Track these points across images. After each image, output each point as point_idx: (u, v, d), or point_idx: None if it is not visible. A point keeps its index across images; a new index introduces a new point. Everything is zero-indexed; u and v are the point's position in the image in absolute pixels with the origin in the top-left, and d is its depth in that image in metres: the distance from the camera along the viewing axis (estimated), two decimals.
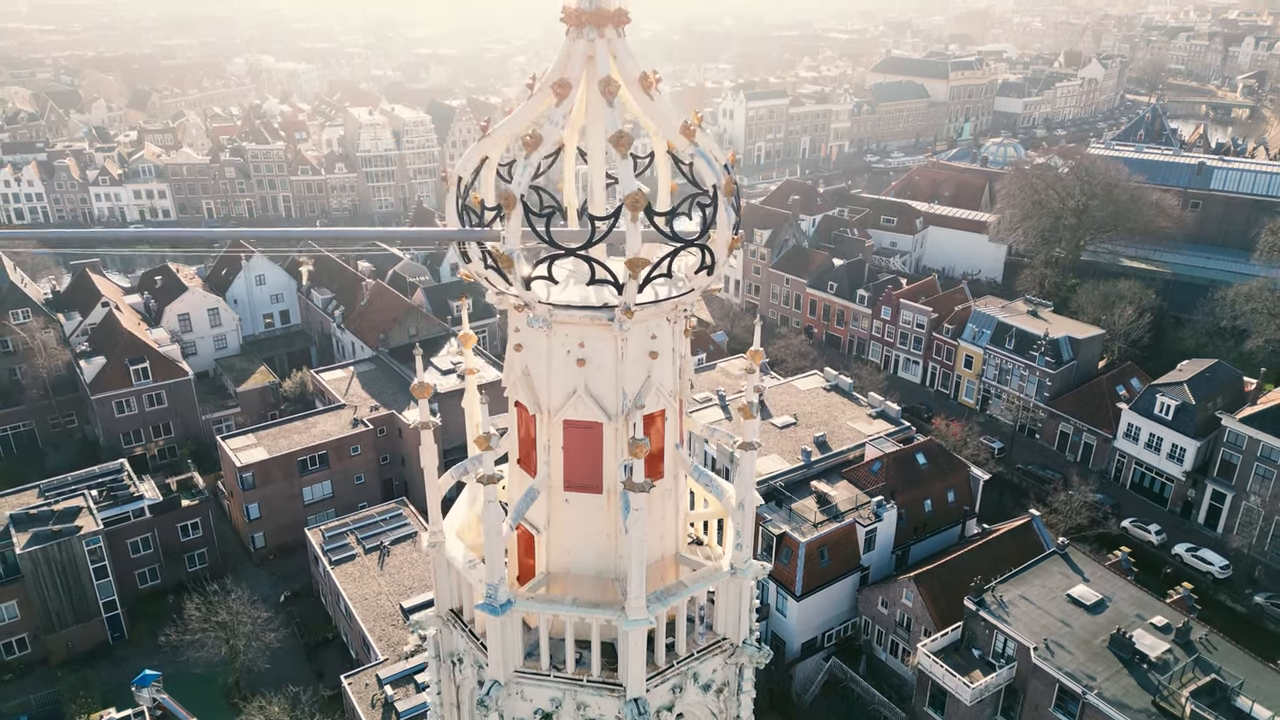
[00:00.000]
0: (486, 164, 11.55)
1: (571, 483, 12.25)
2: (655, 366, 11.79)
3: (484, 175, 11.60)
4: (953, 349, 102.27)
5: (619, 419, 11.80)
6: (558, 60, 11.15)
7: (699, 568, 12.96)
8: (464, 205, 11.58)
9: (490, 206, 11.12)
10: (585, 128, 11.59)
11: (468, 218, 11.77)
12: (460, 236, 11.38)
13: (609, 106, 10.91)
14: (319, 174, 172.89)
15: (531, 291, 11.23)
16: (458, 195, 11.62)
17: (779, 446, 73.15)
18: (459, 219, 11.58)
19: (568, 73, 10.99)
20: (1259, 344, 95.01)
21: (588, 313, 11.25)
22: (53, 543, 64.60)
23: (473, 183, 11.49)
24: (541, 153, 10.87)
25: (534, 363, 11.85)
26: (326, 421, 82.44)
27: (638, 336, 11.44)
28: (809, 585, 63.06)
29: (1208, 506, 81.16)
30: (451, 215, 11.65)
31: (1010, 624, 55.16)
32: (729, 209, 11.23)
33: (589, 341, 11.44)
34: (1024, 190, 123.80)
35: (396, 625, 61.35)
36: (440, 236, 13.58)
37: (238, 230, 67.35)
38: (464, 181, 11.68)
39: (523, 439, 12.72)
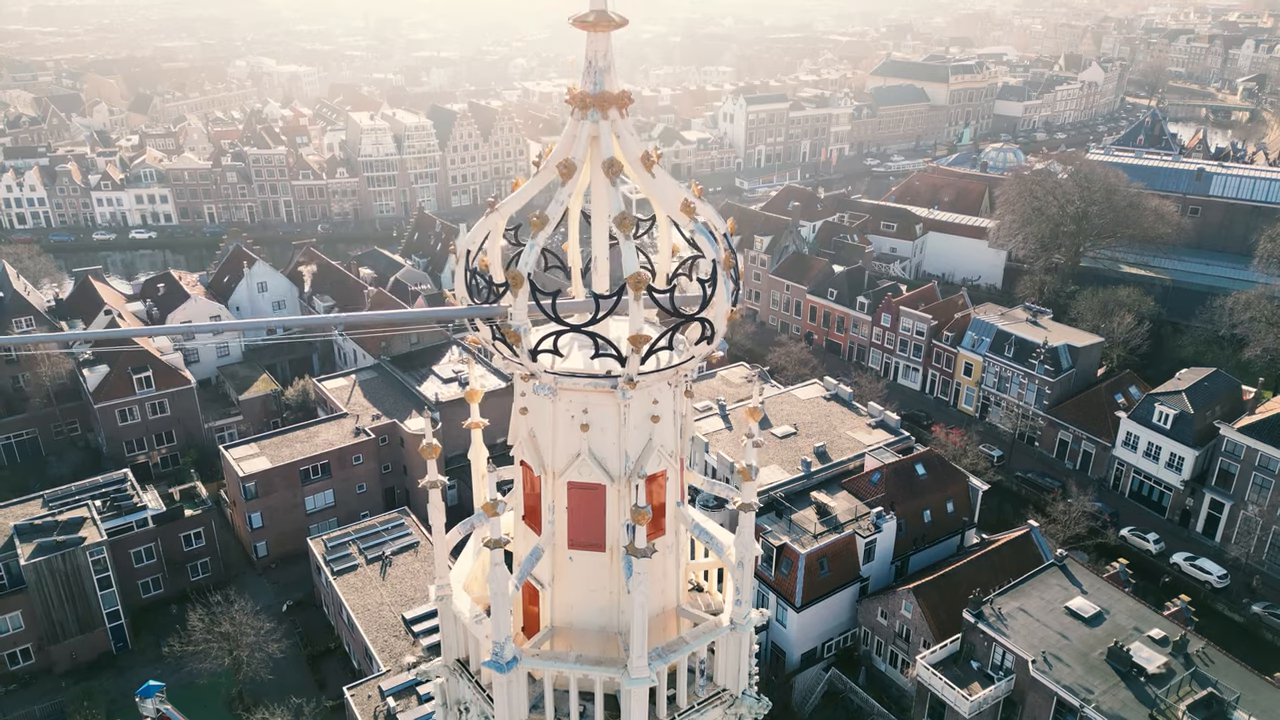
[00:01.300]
0: (492, 234, 11.91)
1: (575, 541, 12.62)
2: (657, 430, 12.16)
3: (490, 243, 11.97)
4: (952, 356, 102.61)
5: (621, 481, 12.16)
6: (563, 139, 11.50)
7: (700, 621, 13.32)
8: (472, 274, 11.95)
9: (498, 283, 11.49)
10: (589, 203, 11.95)
11: (475, 285, 12.14)
12: (471, 314, 11.73)
13: (612, 186, 11.27)
14: (320, 179, 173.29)
15: (537, 362, 11.60)
16: (466, 267, 11.99)
17: (779, 456, 73.49)
18: (466, 289, 11.94)
19: (573, 153, 11.34)
20: (1257, 353, 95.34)
21: (592, 381, 11.61)
22: (57, 554, 64.95)
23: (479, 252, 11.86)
24: (547, 233, 11.22)
25: (539, 426, 12.22)
26: (328, 430, 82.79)
27: (640, 402, 11.81)
28: (809, 596, 63.40)
29: (1206, 515, 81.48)
30: (460, 287, 12.02)
31: (1009, 636, 55.51)
32: (727, 282, 11.59)
33: (592, 407, 11.81)
34: (1023, 196, 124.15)
35: (398, 636, 61.74)
36: (452, 315, 13.85)
37: (277, 320, 70.27)
38: (471, 254, 12.05)
39: (528, 495, 13.09)
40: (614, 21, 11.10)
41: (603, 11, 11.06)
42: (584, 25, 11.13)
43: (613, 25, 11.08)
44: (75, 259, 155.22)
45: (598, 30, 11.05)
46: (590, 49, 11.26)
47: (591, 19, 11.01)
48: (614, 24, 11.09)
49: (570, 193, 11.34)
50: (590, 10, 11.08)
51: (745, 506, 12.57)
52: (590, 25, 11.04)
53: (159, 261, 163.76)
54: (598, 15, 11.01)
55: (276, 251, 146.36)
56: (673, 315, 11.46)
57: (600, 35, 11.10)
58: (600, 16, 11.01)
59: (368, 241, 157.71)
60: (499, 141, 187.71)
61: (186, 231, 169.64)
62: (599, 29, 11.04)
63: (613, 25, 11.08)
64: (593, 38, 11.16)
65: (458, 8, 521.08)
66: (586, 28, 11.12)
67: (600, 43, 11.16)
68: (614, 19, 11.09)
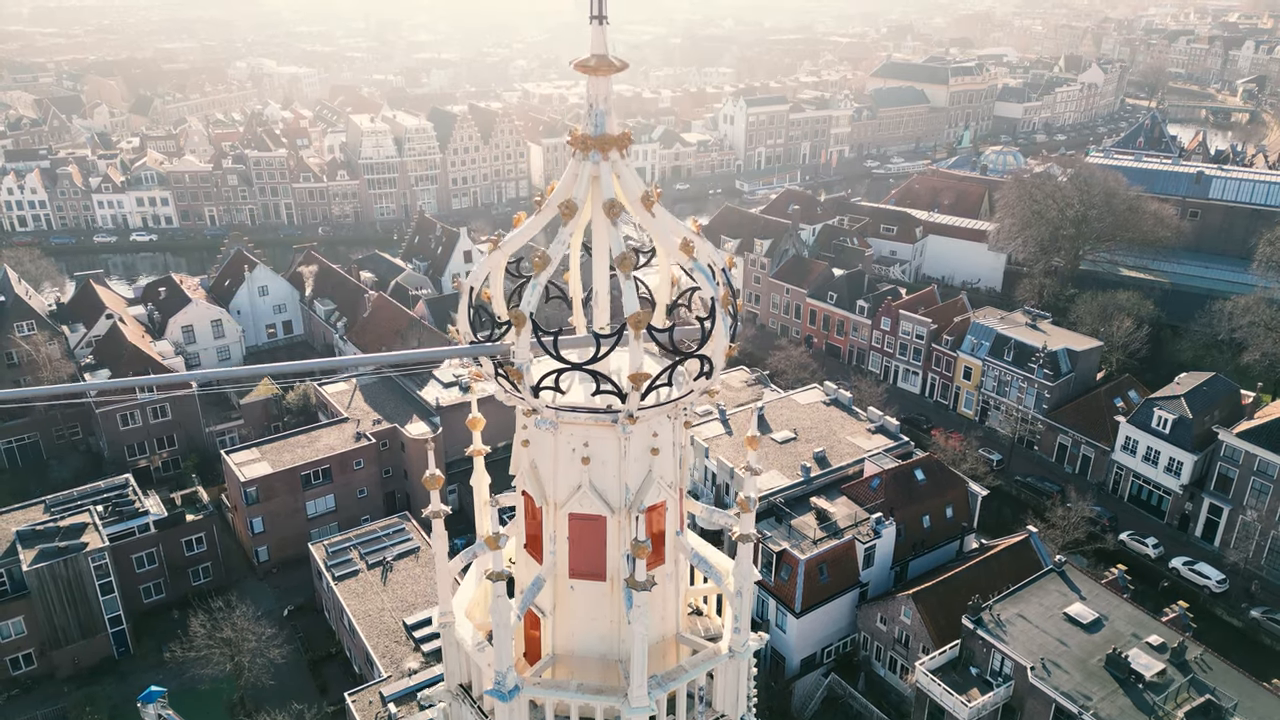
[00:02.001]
0: (494, 271, 12.13)
1: (576, 571, 12.84)
2: (657, 462, 12.37)
3: (493, 281, 12.20)
4: (952, 360, 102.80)
5: (622, 512, 12.38)
6: (564, 179, 11.72)
7: (699, 649, 13.55)
8: (475, 311, 12.17)
9: (501, 321, 11.71)
10: (590, 242, 12.18)
11: (479, 320, 12.37)
12: (475, 353, 11.95)
13: (613, 226, 11.49)
14: (321, 181, 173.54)
15: (539, 398, 11.82)
16: (469, 304, 12.22)
17: (779, 462, 73.68)
18: (470, 325, 12.17)
19: (574, 193, 11.57)
20: (1256, 357, 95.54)
21: (592, 415, 11.83)
22: (59, 559, 65.20)
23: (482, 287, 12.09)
24: (549, 272, 11.44)
25: (541, 458, 12.44)
26: (329, 435, 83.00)
27: (640, 435, 12.03)
28: (808, 602, 63.63)
29: (1205, 520, 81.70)
30: (463, 322, 12.24)
31: (1007, 643, 55.74)
32: (725, 319, 11.81)
33: (593, 441, 12.03)
34: (1023, 200, 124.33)
35: (399, 642, 61.95)
36: (455, 354, 14.06)
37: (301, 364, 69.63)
38: (475, 290, 12.27)
39: (530, 524, 13.31)
40: (614, 66, 11.33)
41: (604, 57, 11.28)
42: (585, 70, 11.36)
43: (613, 70, 11.32)
44: (76, 262, 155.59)
45: (599, 75, 11.29)
46: (592, 92, 11.50)
47: (593, 64, 11.24)
48: (614, 69, 11.33)
49: (572, 232, 11.56)
50: (592, 55, 11.30)
51: (743, 538, 12.79)
52: (592, 70, 11.27)
53: (160, 264, 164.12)
54: (599, 61, 11.24)
55: (277, 254, 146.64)
56: (672, 352, 11.69)
57: (601, 79, 11.33)
58: (601, 62, 11.24)
59: (368, 244, 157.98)
60: (499, 144, 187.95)
61: (187, 234, 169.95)
62: (600, 74, 11.28)
63: (613, 70, 11.32)
64: (594, 81, 11.39)
65: (458, 9, 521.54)
66: (588, 72, 11.35)
67: (601, 86, 11.40)
68: (615, 64, 11.33)
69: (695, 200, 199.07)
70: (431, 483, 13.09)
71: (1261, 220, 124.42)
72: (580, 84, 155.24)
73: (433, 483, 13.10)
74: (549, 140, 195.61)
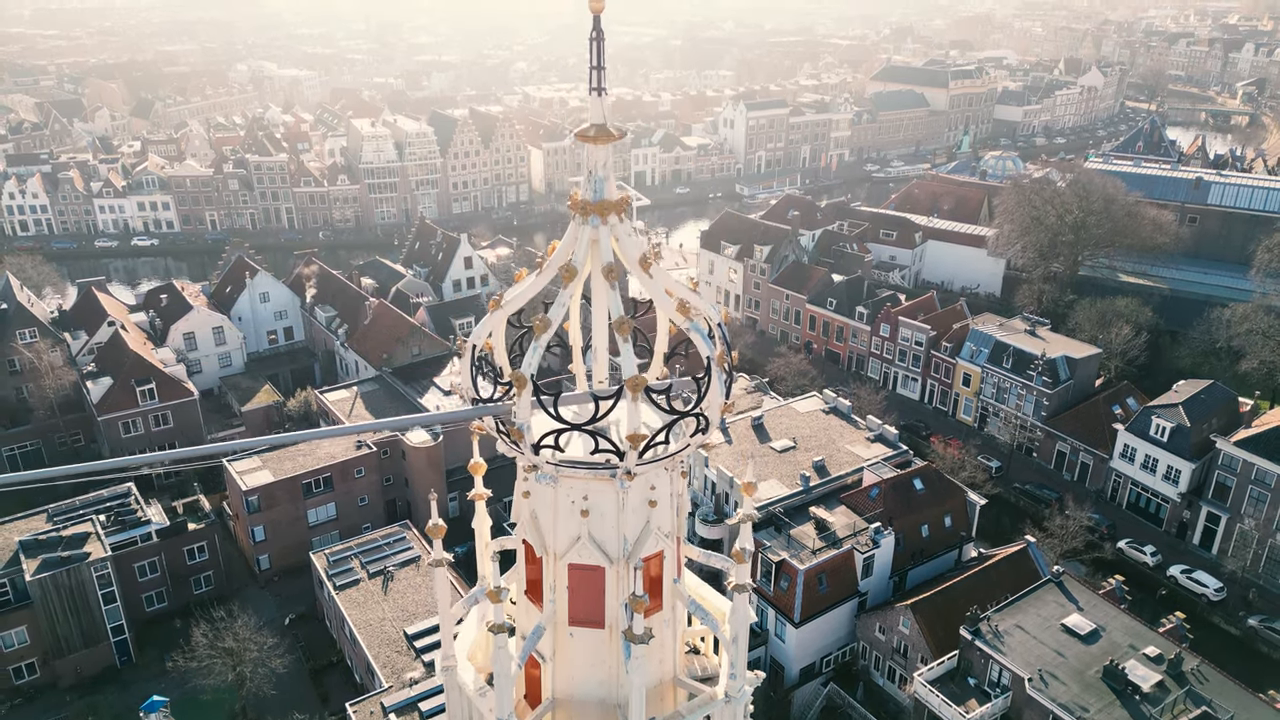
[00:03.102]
0: (496, 330, 12.46)
1: (575, 619, 13.16)
2: (654, 513, 12.70)
3: (495, 338, 12.53)
4: (951, 367, 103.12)
5: (620, 562, 12.71)
6: (564, 242, 12.06)
7: (696, 693, 13.87)
8: (477, 365, 12.50)
9: (504, 381, 12.04)
10: (590, 304, 12.51)
11: (481, 370, 12.70)
12: (476, 414, 12.28)
13: (611, 289, 11.83)
14: (321, 186, 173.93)
15: (540, 455, 12.16)
16: (472, 361, 12.54)
17: (778, 471, 73.99)
18: (472, 379, 12.51)
19: (574, 255, 11.91)
20: (1254, 365, 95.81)
21: (591, 470, 12.16)
22: (61, 569, 65.50)
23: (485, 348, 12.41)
24: (550, 334, 11.77)
25: (541, 510, 12.76)
26: (331, 443, 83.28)
27: (638, 489, 12.36)
28: (807, 612, 63.94)
29: (1203, 528, 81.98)
30: (465, 379, 12.56)
31: (1005, 654, 56.05)
32: (721, 378, 12.14)
33: (592, 494, 12.36)
34: (1022, 205, 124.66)
35: (400, 652, 62.26)
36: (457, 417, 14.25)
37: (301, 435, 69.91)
38: (477, 349, 12.60)
39: (530, 569, 13.64)
40: (613, 136, 11.69)
41: (603, 126, 11.64)
42: (585, 139, 11.72)
43: (612, 139, 11.68)
44: (77, 266, 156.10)
45: (599, 144, 11.65)
46: (591, 160, 11.85)
47: (593, 134, 11.61)
48: (613, 138, 11.68)
49: (571, 294, 11.89)
50: (591, 126, 11.66)
51: (739, 588, 13.11)
52: (591, 140, 11.64)
53: (161, 268, 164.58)
54: (598, 130, 11.60)
55: (278, 259, 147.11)
56: (669, 412, 12.03)
57: (601, 147, 11.69)
58: (600, 131, 11.60)
59: (369, 249, 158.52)
60: (499, 148, 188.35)
61: (188, 238, 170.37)
62: (599, 143, 11.64)
63: (612, 139, 11.68)
64: (592, 149, 11.75)
65: (458, 11, 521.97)
66: (588, 141, 11.71)
67: (600, 154, 11.75)
68: (613, 133, 11.68)
69: (695, 204, 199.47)
70: (434, 532, 13.41)
71: (1260, 226, 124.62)
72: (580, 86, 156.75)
73: (435, 532, 13.42)
74: (549, 144, 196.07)
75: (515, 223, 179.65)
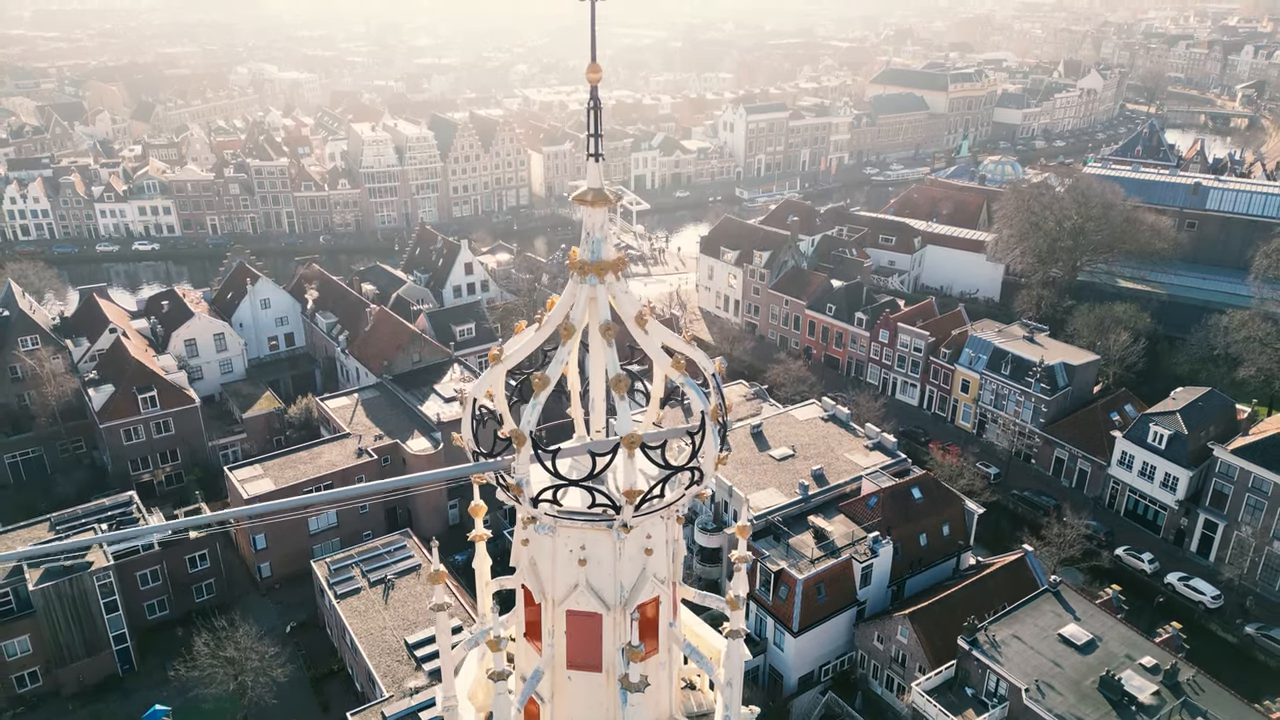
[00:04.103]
0: (496, 384, 12.80)
1: (573, 662, 13.50)
2: (650, 561, 13.04)
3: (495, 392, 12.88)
4: (950, 373, 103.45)
5: (617, 609, 13.05)
6: (563, 299, 12.40)
7: None
8: (478, 420, 12.85)
9: (503, 436, 12.37)
10: (588, 360, 12.86)
11: (481, 418, 13.05)
12: (477, 470, 12.62)
13: (609, 346, 12.17)
14: (322, 190, 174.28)
15: (538, 508, 12.50)
16: (472, 414, 12.89)
17: (777, 480, 74.31)
18: (472, 431, 12.86)
19: (573, 313, 12.25)
20: (1251, 373, 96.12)
21: (589, 520, 12.51)
22: (64, 579, 65.87)
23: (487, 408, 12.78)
24: (548, 392, 12.12)
25: (539, 558, 13.10)
26: (331, 451, 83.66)
27: (634, 538, 12.70)
28: (806, 621, 64.26)
29: (1200, 535, 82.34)
30: (466, 431, 12.91)
31: (1002, 664, 56.38)
32: (716, 431, 12.48)
33: (589, 544, 12.70)
34: (1021, 211, 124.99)
35: (401, 661, 62.59)
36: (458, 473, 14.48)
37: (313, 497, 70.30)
38: (477, 402, 12.94)
39: (529, 612, 13.98)
40: (609, 200, 12.07)
41: (600, 191, 12.01)
42: (583, 202, 12.09)
43: (609, 203, 12.05)
44: (79, 271, 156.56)
45: (595, 207, 12.02)
46: (589, 222, 12.21)
47: (590, 198, 11.99)
48: (609, 202, 12.06)
49: (570, 350, 12.23)
50: (589, 190, 12.05)
51: (734, 633, 13.45)
52: (589, 204, 12.02)
53: (162, 273, 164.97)
54: (595, 195, 11.99)
55: (279, 263, 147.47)
56: (665, 467, 12.37)
57: (598, 210, 12.06)
58: (598, 196, 11.98)
59: (369, 253, 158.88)
60: (500, 152, 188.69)
61: (189, 243, 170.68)
62: (597, 206, 12.02)
63: (609, 203, 12.05)
64: (590, 212, 12.11)
65: (458, 13, 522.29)
66: (586, 205, 12.08)
67: (598, 217, 12.12)
68: (609, 197, 12.06)
69: (695, 208, 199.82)
70: (435, 578, 13.75)
71: (1258, 231, 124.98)
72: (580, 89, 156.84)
73: (436, 578, 13.76)
74: (549, 148, 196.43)
75: (515, 227, 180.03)
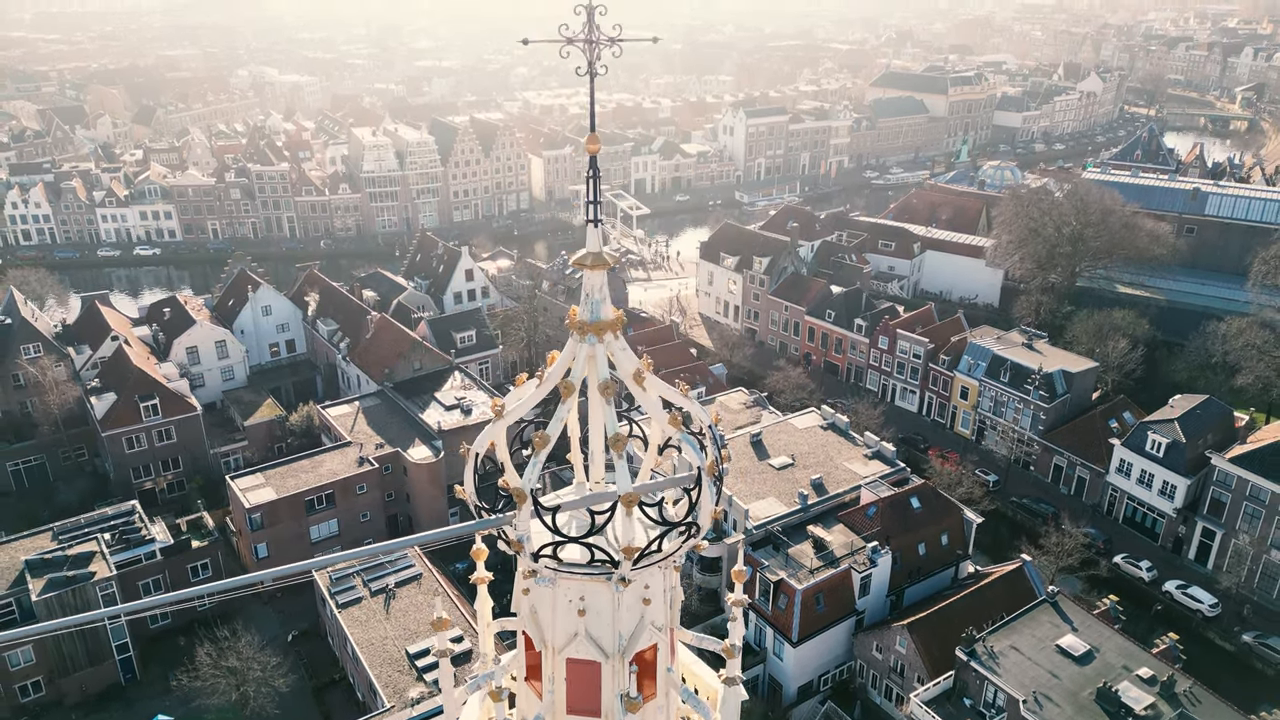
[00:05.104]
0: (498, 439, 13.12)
1: (573, 708, 13.81)
2: (649, 610, 13.35)
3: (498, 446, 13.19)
4: (949, 380, 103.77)
5: (615, 657, 13.36)
6: (563, 357, 12.71)
7: None
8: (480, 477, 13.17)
9: (505, 491, 12.69)
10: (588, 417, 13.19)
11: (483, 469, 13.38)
12: (480, 528, 12.94)
13: (607, 405, 12.50)
14: (323, 195, 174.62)
15: (539, 563, 12.82)
16: (475, 468, 13.21)
17: (776, 489, 74.60)
18: (475, 486, 13.19)
19: (573, 371, 12.58)
20: (1249, 380, 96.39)
21: (588, 573, 12.83)
22: (67, 589, 66.17)
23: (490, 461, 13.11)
24: (548, 450, 12.43)
25: (540, 607, 13.41)
26: (333, 460, 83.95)
27: (633, 589, 13.01)
28: (805, 631, 64.59)
29: (1198, 543, 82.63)
30: (469, 485, 13.23)
31: (1000, 675, 56.68)
32: (712, 486, 12.80)
33: (589, 595, 13.00)
34: (1020, 216, 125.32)
35: (402, 671, 62.89)
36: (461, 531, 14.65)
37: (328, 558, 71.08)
38: (480, 456, 13.26)
39: (529, 655, 14.29)
40: (608, 263, 12.41)
41: (599, 255, 12.36)
42: (583, 266, 12.43)
43: (607, 266, 12.39)
44: (80, 276, 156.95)
45: (595, 270, 12.37)
46: (588, 284, 12.55)
47: (589, 262, 12.34)
48: (608, 265, 12.40)
49: (569, 409, 12.55)
50: (588, 254, 12.40)
51: (730, 680, 13.76)
52: (589, 267, 12.36)
53: (163, 277, 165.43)
54: (594, 259, 12.34)
55: (279, 268, 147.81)
56: (662, 525, 12.69)
57: (597, 273, 12.41)
58: (597, 260, 12.33)
59: (369, 258, 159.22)
60: (500, 156, 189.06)
61: (190, 248, 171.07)
62: (596, 269, 12.37)
63: (607, 266, 12.39)
64: (590, 275, 12.45)
65: (458, 15, 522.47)
66: (585, 268, 12.42)
67: (597, 279, 12.46)
68: (608, 261, 12.40)
69: (695, 211, 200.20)
70: (439, 625, 14.06)
71: (1257, 237, 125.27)
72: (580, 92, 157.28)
73: (440, 625, 14.07)
74: (550, 152, 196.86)
75: (516, 231, 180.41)
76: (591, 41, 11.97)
